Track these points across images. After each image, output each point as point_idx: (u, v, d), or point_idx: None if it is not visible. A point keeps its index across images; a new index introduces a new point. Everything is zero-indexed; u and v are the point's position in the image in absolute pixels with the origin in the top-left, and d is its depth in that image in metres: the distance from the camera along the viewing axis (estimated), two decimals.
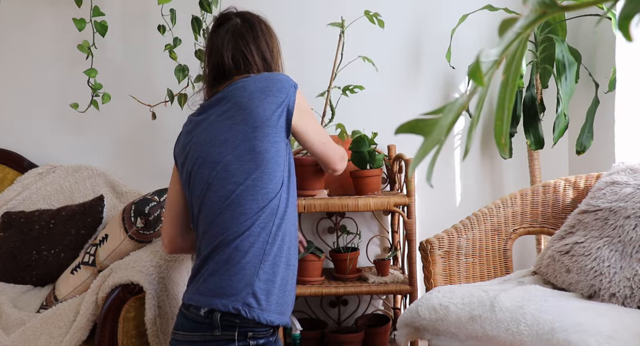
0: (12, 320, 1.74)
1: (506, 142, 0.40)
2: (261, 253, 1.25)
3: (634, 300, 1.35)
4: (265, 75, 1.38)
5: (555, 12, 0.38)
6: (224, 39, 1.41)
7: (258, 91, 1.32)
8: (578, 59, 2.14)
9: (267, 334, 1.26)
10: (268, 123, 1.30)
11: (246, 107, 1.31)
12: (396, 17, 2.36)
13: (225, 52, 1.41)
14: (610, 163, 1.81)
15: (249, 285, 1.23)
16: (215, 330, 1.22)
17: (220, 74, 1.43)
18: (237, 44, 1.41)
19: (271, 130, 1.31)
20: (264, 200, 1.27)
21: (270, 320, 1.25)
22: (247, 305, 1.22)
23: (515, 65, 0.39)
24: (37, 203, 2.20)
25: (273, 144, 1.31)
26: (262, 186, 1.28)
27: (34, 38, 2.37)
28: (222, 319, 1.22)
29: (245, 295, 1.22)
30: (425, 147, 0.39)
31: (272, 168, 1.30)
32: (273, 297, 1.26)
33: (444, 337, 1.44)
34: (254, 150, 1.29)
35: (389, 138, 2.28)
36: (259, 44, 1.43)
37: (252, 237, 1.25)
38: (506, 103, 0.40)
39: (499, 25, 0.39)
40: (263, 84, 1.34)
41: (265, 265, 1.25)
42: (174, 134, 2.37)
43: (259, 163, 1.29)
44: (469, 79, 1.29)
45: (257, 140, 1.30)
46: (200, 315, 1.24)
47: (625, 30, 0.35)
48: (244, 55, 1.41)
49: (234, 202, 1.27)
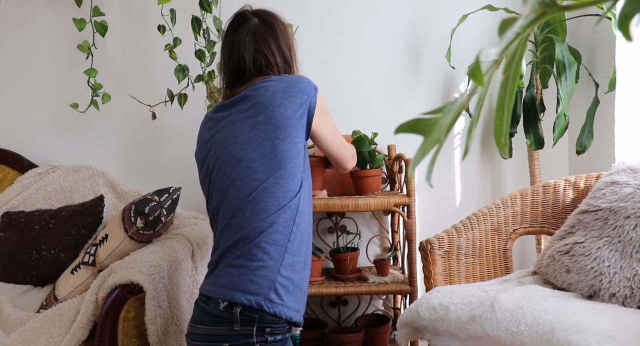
0: (12, 320, 1.74)
1: (506, 142, 0.40)
2: (283, 250, 1.28)
3: (634, 300, 1.35)
4: (287, 77, 1.40)
5: (555, 12, 0.38)
6: (244, 41, 1.42)
7: (280, 91, 1.34)
8: (578, 59, 2.14)
9: (284, 330, 1.29)
10: (290, 124, 1.32)
11: (268, 106, 1.33)
12: (396, 17, 2.36)
13: (247, 54, 1.41)
14: (610, 163, 1.81)
15: (272, 281, 1.25)
16: (235, 324, 1.24)
17: (241, 75, 1.44)
18: (259, 46, 1.42)
19: (292, 131, 1.32)
20: (284, 199, 1.30)
21: (290, 316, 1.28)
22: (269, 300, 1.24)
23: (515, 65, 0.39)
24: (37, 203, 2.20)
25: (294, 144, 1.33)
26: (283, 184, 1.30)
27: (34, 38, 2.37)
28: (241, 314, 1.24)
29: (267, 290, 1.24)
30: (425, 147, 0.39)
31: (292, 168, 1.32)
32: (292, 295, 1.29)
33: (444, 337, 1.44)
34: (275, 149, 1.31)
35: (389, 138, 2.28)
36: (280, 44, 1.44)
37: (274, 234, 1.27)
38: (506, 103, 0.40)
39: (498, 25, 0.39)
40: (285, 85, 1.36)
41: (286, 263, 1.28)
42: (174, 134, 2.39)
43: (280, 163, 1.31)
44: (469, 79, 1.29)
45: (279, 139, 1.31)
46: (220, 309, 1.25)
47: (625, 30, 0.35)
48: (265, 57, 1.42)
49: (256, 199, 1.29)
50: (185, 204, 2.19)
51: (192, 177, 2.36)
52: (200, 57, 2.08)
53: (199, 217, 2.12)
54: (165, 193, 1.83)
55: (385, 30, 2.37)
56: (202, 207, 2.29)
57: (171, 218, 1.87)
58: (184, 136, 2.34)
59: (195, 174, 1.53)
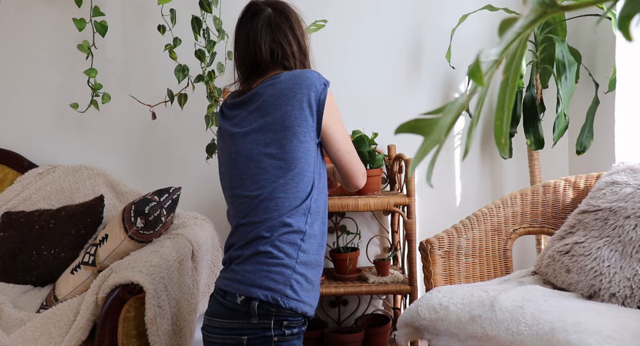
0: (12, 320, 1.74)
1: (506, 142, 0.40)
2: (297, 249, 1.29)
3: (634, 300, 1.35)
4: (296, 73, 1.36)
5: (555, 12, 0.38)
6: (260, 32, 1.39)
7: (287, 89, 1.32)
8: (578, 59, 2.14)
9: (300, 323, 1.31)
10: (297, 123, 1.31)
11: (276, 105, 1.32)
12: (396, 17, 2.36)
13: (263, 45, 1.38)
14: (610, 163, 1.81)
15: (287, 278, 1.27)
16: (253, 318, 1.26)
17: (257, 67, 1.40)
18: (275, 36, 1.39)
19: (300, 130, 1.31)
20: (295, 199, 1.30)
21: (305, 310, 1.30)
22: (285, 296, 1.26)
23: (515, 65, 0.39)
24: (37, 203, 2.20)
25: (302, 143, 1.31)
26: (294, 184, 1.30)
27: (34, 38, 2.37)
28: (259, 307, 1.25)
29: (283, 287, 1.26)
30: (425, 147, 0.39)
31: (302, 168, 1.31)
32: (306, 291, 1.31)
33: (444, 337, 1.44)
34: (284, 150, 1.30)
35: (389, 138, 2.28)
36: (295, 33, 1.42)
37: (288, 234, 1.28)
38: (506, 103, 0.40)
39: (498, 25, 0.39)
40: (293, 81, 1.33)
41: (301, 261, 1.30)
42: (174, 134, 2.39)
43: (290, 163, 1.30)
44: (469, 79, 1.29)
45: (287, 139, 1.30)
46: (237, 303, 1.27)
47: (625, 30, 0.35)
48: (282, 47, 1.39)
49: (267, 199, 1.30)
50: (185, 204, 2.19)
51: (192, 177, 2.37)
52: (200, 57, 2.08)
53: (199, 217, 2.12)
54: (165, 193, 1.83)
55: (385, 30, 2.37)
56: (202, 207, 2.29)
57: (171, 218, 1.87)
58: (184, 136, 2.34)
59: (196, 174, 1.53)
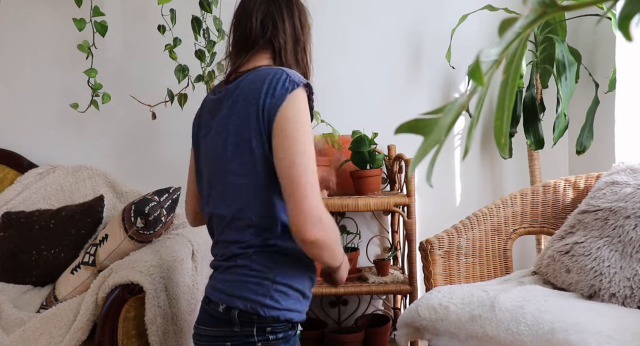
0: (12, 320, 1.74)
1: (506, 142, 0.40)
2: (278, 261, 1.23)
3: (634, 300, 1.35)
4: (267, 70, 1.25)
5: (555, 12, 0.38)
6: (256, 2, 1.32)
7: (253, 90, 1.22)
8: (578, 59, 2.14)
9: (286, 328, 1.26)
10: (253, 135, 1.20)
11: (239, 111, 1.23)
12: (396, 17, 2.36)
13: (255, 14, 1.30)
14: (610, 163, 1.81)
15: (267, 289, 1.23)
16: (235, 326, 1.24)
17: (245, 43, 1.31)
18: (270, 8, 1.31)
19: (262, 136, 1.20)
20: (270, 217, 1.22)
21: (289, 317, 1.25)
22: (264, 306, 1.22)
23: (515, 65, 0.39)
24: (37, 203, 2.20)
25: (263, 158, 1.20)
26: (266, 201, 1.22)
27: (33, 38, 2.37)
28: (240, 316, 1.23)
29: (262, 297, 1.22)
30: (425, 147, 0.39)
31: (273, 186, 1.20)
32: (291, 298, 1.25)
33: (444, 337, 1.44)
34: (245, 166, 1.22)
35: (389, 138, 2.28)
36: (293, 15, 1.33)
37: (267, 247, 1.24)
38: (506, 103, 0.40)
39: (498, 25, 0.39)
40: (260, 82, 1.22)
41: (284, 271, 1.24)
42: (174, 134, 2.39)
43: (259, 171, 1.21)
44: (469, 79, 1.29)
45: (254, 146, 1.20)
46: (219, 311, 1.25)
47: (625, 30, 0.35)
48: (274, 20, 1.30)
49: (242, 212, 1.22)
50: None
51: None
52: (200, 57, 2.08)
53: None
54: (165, 193, 1.83)
55: (385, 30, 2.37)
56: None
57: (171, 218, 1.87)
58: (184, 136, 2.33)
59: None
